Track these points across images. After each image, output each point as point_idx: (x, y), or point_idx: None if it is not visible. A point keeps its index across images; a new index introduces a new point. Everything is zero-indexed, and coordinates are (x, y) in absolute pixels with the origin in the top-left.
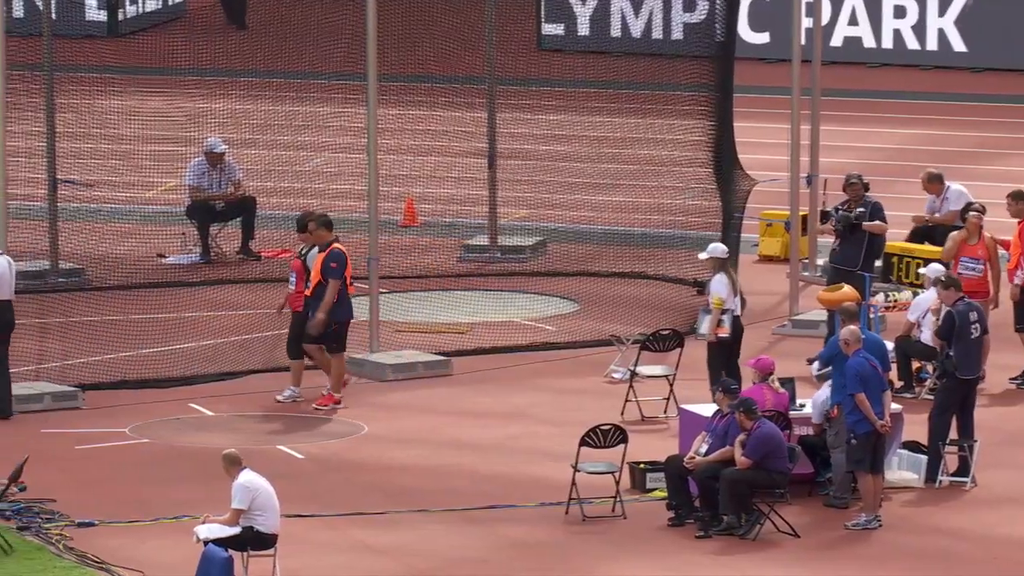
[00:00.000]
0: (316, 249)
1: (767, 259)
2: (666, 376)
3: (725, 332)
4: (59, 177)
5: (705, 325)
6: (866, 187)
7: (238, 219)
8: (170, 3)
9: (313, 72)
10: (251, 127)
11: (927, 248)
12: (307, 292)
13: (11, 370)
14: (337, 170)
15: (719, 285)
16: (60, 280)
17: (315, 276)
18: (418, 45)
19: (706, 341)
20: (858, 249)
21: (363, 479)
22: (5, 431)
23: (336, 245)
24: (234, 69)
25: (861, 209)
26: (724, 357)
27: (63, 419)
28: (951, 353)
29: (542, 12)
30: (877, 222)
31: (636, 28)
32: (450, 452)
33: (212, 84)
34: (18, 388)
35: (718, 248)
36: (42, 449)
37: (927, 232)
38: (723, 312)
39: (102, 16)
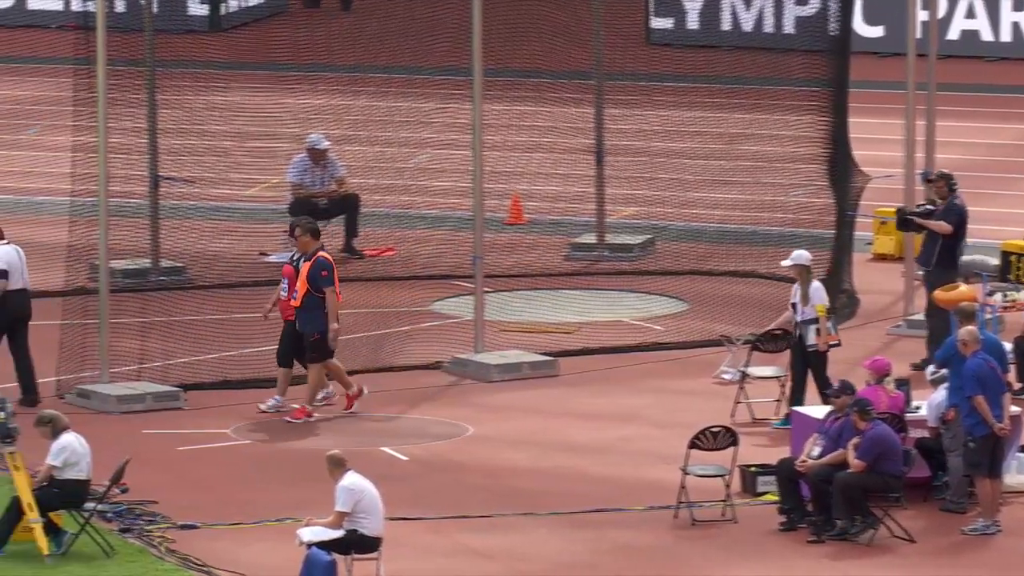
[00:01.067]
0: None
1: (881, 258)
2: (777, 377)
3: (836, 339)
4: (160, 174)
5: (812, 336)
6: (951, 187)
7: (341, 216)
8: None
9: (417, 67)
10: (354, 123)
11: None
12: (294, 302)
13: (112, 369)
14: (441, 167)
15: (820, 292)
16: (161, 279)
17: (301, 286)
18: (525, 40)
19: (815, 351)
20: (932, 248)
21: (468, 481)
22: (106, 432)
23: (322, 254)
24: (337, 64)
25: (929, 207)
26: (812, 364)
27: (165, 420)
28: None
29: (651, 6)
30: (939, 221)
31: (747, 22)
32: (557, 454)
33: (315, 79)
34: (119, 388)
35: (803, 255)
36: (144, 450)
37: None
38: (814, 320)
39: (204, 11)
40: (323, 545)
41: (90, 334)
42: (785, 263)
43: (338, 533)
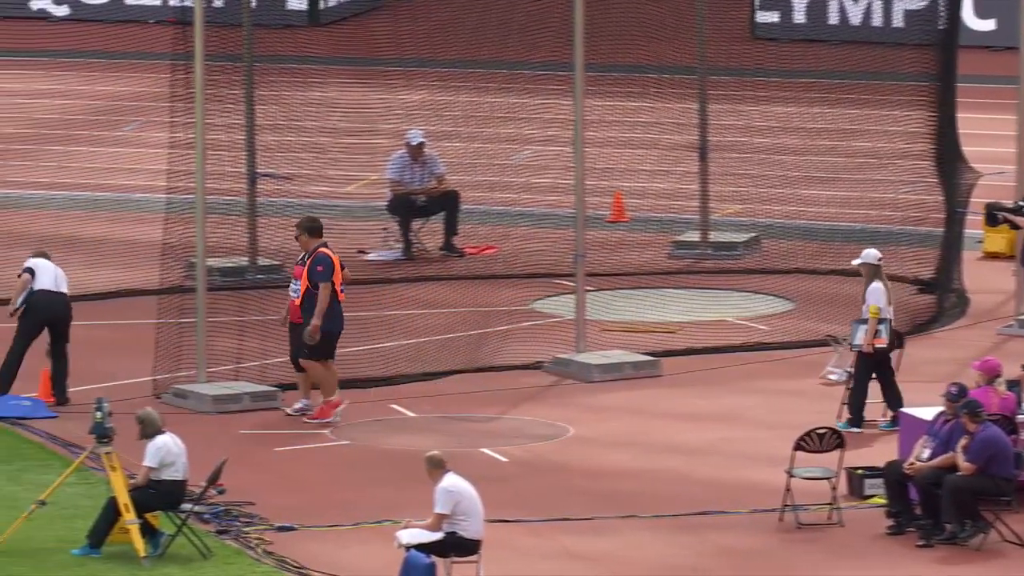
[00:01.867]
0: None
1: (992, 256)
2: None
3: (883, 343)
4: (258, 171)
5: (860, 335)
6: None
7: (441, 214)
8: None
9: (518, 62)
10: (453, 119)
11: None
12: (296, 300)
13: (209, 369)
14: (542, 163)
15: (875, 293)
16: (259, 277)
17: (302, 283)
18: (627, 34)
19: (858, 352)
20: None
21: (569, 483)
22: (203, 432)
23: (322, 249)
24: (438, 59)
25: (1021, 203)
26: (874, 368)
27: (262, 420)
28: None
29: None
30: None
31: (855, 15)
32: (659, 455)
33: (414, 74)
34: (216, 388)
35: (871, 254)
36: (241, 451)
37: None
38: (880, 322)
39: (303, 5)
40: (422, 548)
41: (186, 333)
42: (855, 262)
43: (437, 536)
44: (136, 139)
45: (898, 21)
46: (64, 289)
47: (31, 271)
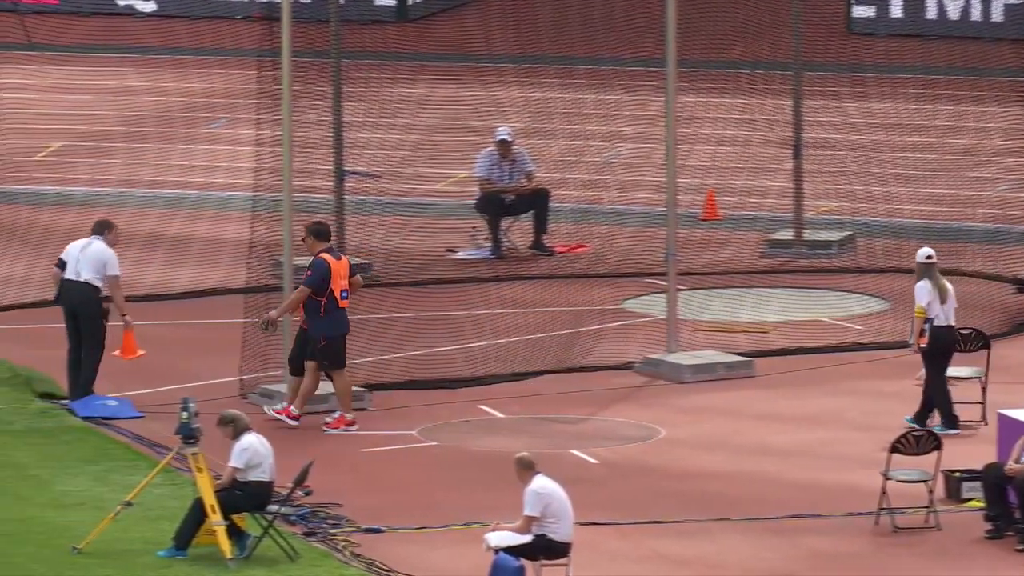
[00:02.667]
0: None
1: None
2: (977, 378)
3: (923, 342)
4: (346, 169)
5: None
6: None
7: (531, 212)
8: None
9: (610, 58)
10: (545, 115)
11: None
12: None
13: None
14: (633, 160)
15: (919, 292)
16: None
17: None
18: (720, 29)
19: (920, 353)
20: None
21: (660, 485)
22: (290, 433)
23: (322, 255)
24: (528, 55)
25: None
26: (940, 366)
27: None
28: None
29: None
30: None
31: (953, 10)
32: (752, 457)
33: (505, 70)
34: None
35: (920, 252)
36: (328, 452)
37: None
38: (926, 321)
39: (391, 1)
40: (511, 550)
41: (278, 335)
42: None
43: (527, 538)
44: (223, 136)
45: (997, 15)
46: (85, 277)
47: (61, 263)
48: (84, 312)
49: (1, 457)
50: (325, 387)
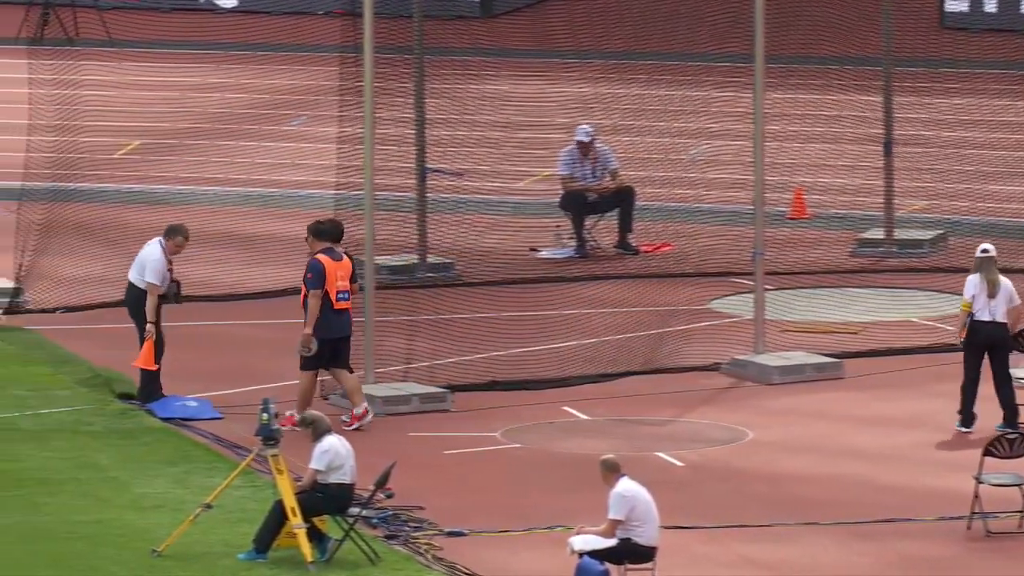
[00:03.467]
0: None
1: None
2: None
3: (962, 336)
4: (428, 166)
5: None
6: None
7: (615, 211)
8: None
9: (697, 53)
10: (631, 111)
11: None
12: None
13: (378, 370)
14: (719, 158)
15: (968, 285)
16: (428, 275)
17: (303, 289)
18: (809, 23)
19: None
20: None
21: (747, 488)
22: (371, 435)
23: (319, 255)
24: (614, 50)
25: None
26: (978, 363)
27: (431, 422)
28: None
29: None
30: None
31: None
32: (842, 460)
33: (590, 67)
34: (385, 389)
35: (981, 247)
36: (409, 454)
37: None
38: (969, 315)
39: None
40: (595, 554)
41: (355, 333)
42: None
43: (611, 542)
44: (304, 133)
45: None
46: (131, 276)
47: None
48: (129, 311)
49: (81, 458)
50: (408, 388)
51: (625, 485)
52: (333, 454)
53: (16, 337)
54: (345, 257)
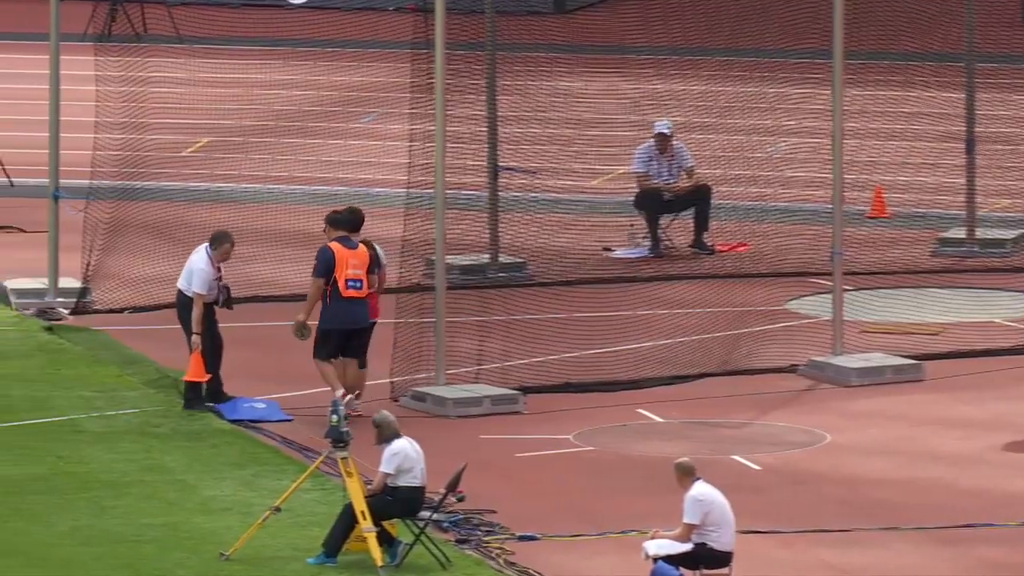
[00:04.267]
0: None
1: None
2: None
3: None
4: (500, 164)
5: None
6: None
7: (691, 209)
8: None
9: (775, 49)
10: (706, 109)
11: None
12: None
13: (449, 371)
14: (798, 156)
15: None
16: (500, 275)
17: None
18: (888, 19)
19: None
20: None
21: (825, 492)
22: (442, 437)
23: (330, 243)
24: (689, 46)
25: None
26: None
27: (503, 424)
28: None
29: None
30: None
31: None
32: (923, 464)
33: (665, 63)
34: (456, 391)
35: None
36: (481, 456)
37: None
38: None
39: None
40: (670, 559)
41: (425, 333)
42: None
43: (686, 547)
44: (375, 131)
45: None
46: (179, 283)
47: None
48: (178, 317)
49: (148, 461)
50: (480, 389)
51: (700, 489)
52: (403, 457)
53: (83, 337)
54: (362, 246)
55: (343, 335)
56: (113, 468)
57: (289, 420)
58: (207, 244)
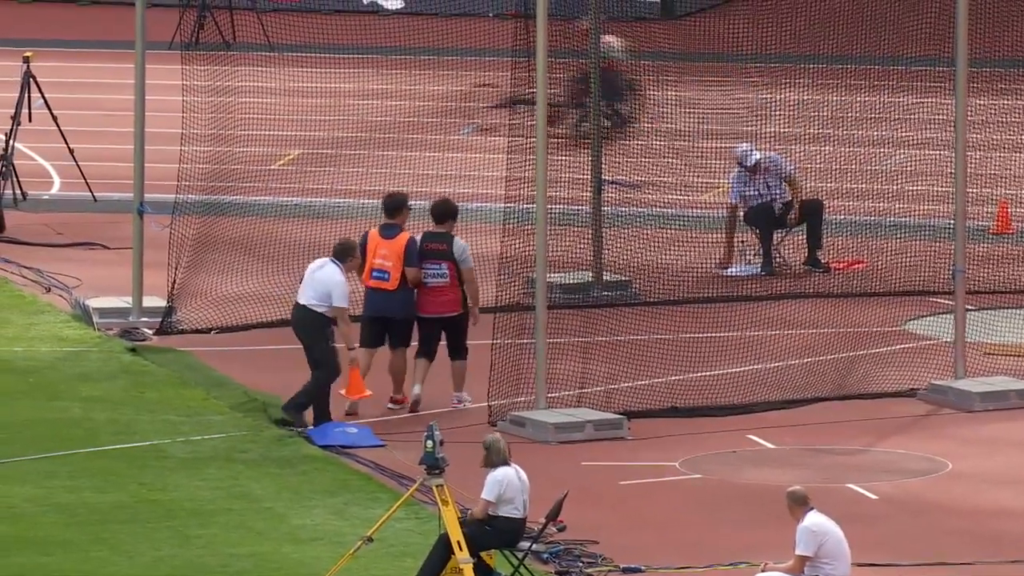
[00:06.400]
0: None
1: None
2: None
3: None
4: (604, 178)
5: None
6: None
7: (803, 226)
8: None
9: (892, 56)
10: (820, 119)
11: None
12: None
13: (550, 394)
14: (918, 169)
15: None
16: (604, 294)
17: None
18: (1016, 25)
19: None
20: None
21: (946, 523)
22: (542, 463)
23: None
24: (802, 54)
25: None
26: None
27: (606, 450)
28: None
29: None
30: None
31: None
32: None
33: (776, 71)
34: (557, 415)
35: None
36: (583, 484)
37: None
38: None
39: None
40: None
41: (525, 355)
42: None
43: None
44: (472, 143)
45: None
46: (304, 300)
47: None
48: (301, 336)
49: (235, 488)
50: (582, 414)
51: (814, 519)
52: (506, 485)
53: (168, 359)
54: (400, 237)
55: (372, 323)
56: (198, 496)
57: (382, 446)
58: (331, 257)
